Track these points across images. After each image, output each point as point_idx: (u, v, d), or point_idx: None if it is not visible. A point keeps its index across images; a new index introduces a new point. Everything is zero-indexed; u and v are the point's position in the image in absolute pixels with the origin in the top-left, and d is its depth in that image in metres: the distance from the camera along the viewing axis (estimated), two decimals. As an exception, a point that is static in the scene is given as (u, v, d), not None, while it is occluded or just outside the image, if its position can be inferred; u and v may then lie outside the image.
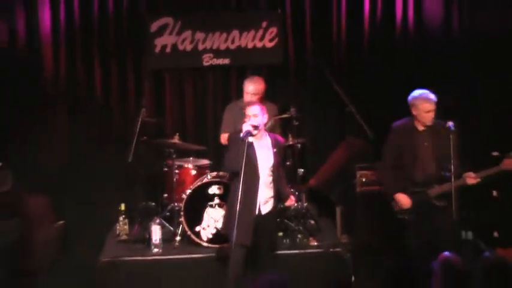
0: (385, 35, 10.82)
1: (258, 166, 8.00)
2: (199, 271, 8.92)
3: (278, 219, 9.16)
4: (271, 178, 8.10)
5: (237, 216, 7.57)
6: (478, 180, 8.10)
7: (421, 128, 8.33)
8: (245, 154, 7.67)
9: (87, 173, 10.68)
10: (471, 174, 8.11)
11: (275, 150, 8.09)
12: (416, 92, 8.34)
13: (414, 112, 8.33)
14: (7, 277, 9.12)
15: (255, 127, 7.88)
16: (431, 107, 8.23)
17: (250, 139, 7.83)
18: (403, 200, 8.33)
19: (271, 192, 8.15)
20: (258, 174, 8.01)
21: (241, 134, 7.81)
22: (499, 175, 8.10)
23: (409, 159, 8.34)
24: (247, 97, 9.40)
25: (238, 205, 7.55)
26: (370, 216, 9.59)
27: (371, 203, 9.56)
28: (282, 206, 9.19)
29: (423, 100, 8.26)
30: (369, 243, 9.56)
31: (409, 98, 8.37)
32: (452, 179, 7.89)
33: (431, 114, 8.24)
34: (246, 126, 7.89)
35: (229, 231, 7.89)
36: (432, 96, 8.25)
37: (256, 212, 8.06)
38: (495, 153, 8.47)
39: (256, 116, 7.96)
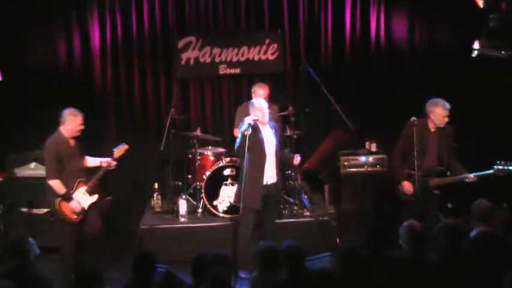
0: (362, 48, 10.70)
1: (264, 146, 7.99)
2: (217, 236, 8.88)
3: (282, 191, 9.09)
4: (274, 155, 8.07)
5: (243, 187, 7.71)
6: (476, 179, 7.88)
7: (432, 128, 8.08)
8: (247, 139, 7.74)
9: (130, 158, 10.55)
10: (471, 176, 7.87)
11: (273, 130, 8.11)
12: (436, 100, 8.05)
13: (431, 116, 8.04)
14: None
15: (255, 120, 7.89)
16: (447, 113, 7.99)
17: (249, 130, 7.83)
18: (408, 187, 8.06)
19: (275, 168, 8.12)
20: (265, 152, 8.00)
21: (247, 122, 7.85)
22: (490, 178, 7.86)
23: (419, 152, 7.97)
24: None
25: (245, 177, 7.69)
26: (351, 191, 9.47)
27: (352, 181, 9.45)
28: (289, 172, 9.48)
29: (442, 108, 7.99)
30: (350, 212, 9.45)
31: (429, 103, 8.07)
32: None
33: (446, 119, 8.01)
34: (248, 120, 7.88)
35: (239, 200, 7.93)
36: (447, 104, 8.02)
37: (264, 183, 8.00)
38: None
39: (262, 110, 8.02)
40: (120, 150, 8.37)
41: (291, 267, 5.75)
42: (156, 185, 9.77)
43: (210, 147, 9.90)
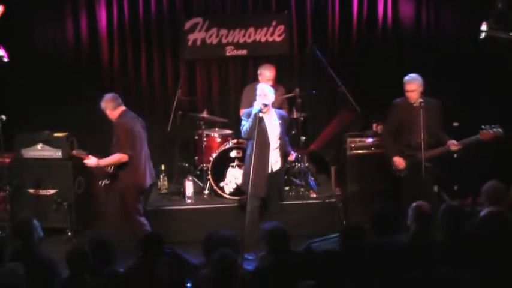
0: (369, 31, 10.65)
1: (268, 135, 7.95)
2: (223, 217, 8.90)
3: (285, 176, 9.08)
4: (278, 143, 8.05)
5: (251, 176, 7.64)
6: (460, 147, 7.91)
7: (414, 103, 8.07)
8: (257, 126, 7.70)
9: None
10: (454, 142, 7.91)
11: (280, 122, 8.06)
12: (406, 76, 8.14)
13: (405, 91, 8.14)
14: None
15: (265, 105, 7.82)
16: (411, 87, 8.01)
17: (260, 114, 7.77)
18: (399, 161, 8.16)
19: (279, 154, 8.12)
20: (268, 141, 7.98)
21: (253, 111, 7.77)
22: (476, 144, 7.90)
23: (405, 129, 8.14)
24: (263, 81, 9.27)
25: (252, 167, 7.64)
26: (357, 173, 9.45)
27: (358, 163, 9.44)
28: (287, 165, 9.20)
29: (406, 82, 8.07)
30: (356, 194, 9.45)
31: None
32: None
33: (411, 94, 8.02)
34: (258, 104, 7.78)
35: (245, 186, 7.93)
36: (414, 79, 8.05)
37: (269, 170, 8.01)
38: (455, 124, 8.29)
39: (266, 95, 7.89)
40: (79, 153, 8.26)
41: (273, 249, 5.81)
42: (162, 167, 9.77)
43: (216, 128, 9.90)
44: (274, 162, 8.10)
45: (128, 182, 7.97)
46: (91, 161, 8.04)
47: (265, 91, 7.95)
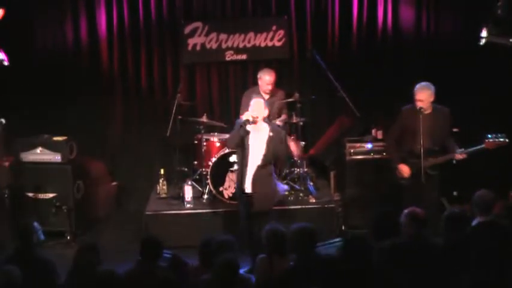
0: (369, 36, 10.63)
1: (248, 152, 7.73)
2: (222, 222, 8.97)
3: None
4: (261, 163, 7.75)
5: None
6: (465, 157, 7.92)
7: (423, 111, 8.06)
8: (239, 138, 7.63)
9: (135, 143, 10.75)
10: (459, 151, 7.92)
11: (271, 134, 7.70)
12: (418, 84, 8.11)
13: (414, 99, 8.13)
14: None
15: (254, 118, 7.64)
16: (420, 97, 7.98)
17: (249, 127, 7.62)
18: (404, 169, 8.16)
19: (258, 177, 7.78)
20: (247, 158, 7.73)
21: (239, 121, 7.70)
22: (481, 152, 7.91)
23: (410, 136, 8.12)
24: (263, 85, 9.35)
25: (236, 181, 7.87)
26: (356, 178, 9.46)
27: (357, 168, 9.45)
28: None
29: (416, 91, 8.05)
30: (355, 199, 9.46)
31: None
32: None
33: (420, 104, 7.96)
34: (247, 116, 7.70)
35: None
36: (424, 89, 8.03)
37: (244, 189, 7.86)
38: (455, 129, 8.30)
39: (258, 108, 7.72)
40: None
41: (300, 252, 5.77)
42: (162, 171, 9.76)
43: (216, 133, 9.86)
44: (250, 182, 7.80)
45: None
46: None
47: (258, 107, 7.72)
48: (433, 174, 8.06)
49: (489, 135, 7.80)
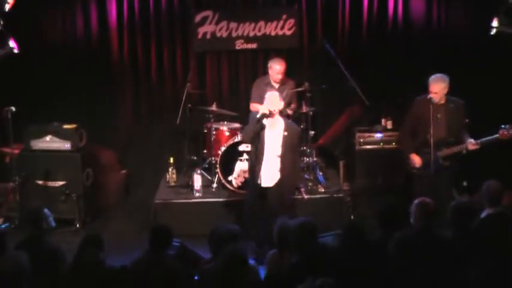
0: (379, 26, 10.62)
1: (264, 146, 7.81)
2: (231, 211, 8.96)
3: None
4: (277, 157, 7.84)
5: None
6: (478, 146, 7.91)
7: (437, 102, 8.08)
8: (256, 132, 7.69)
9: (145, 132, 10.80)
10: (472, 141, 7.92)
11: (285, 133, 7.77)
12: (432, 76, 8.11)
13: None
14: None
15: (271, 112, 7.69)
16: (434, 89, 7.98)
17: (264, 121, 7.68)
18: (416, 159, 8.19)
19: (276, 168, 7.88)
20: (263, 152, 7.82)
21: (257, 115, 7.70)
22: (494, 143, 7.91)
23: (423, 127, 8.10)
24: (273, 75, 9.32)
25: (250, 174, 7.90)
26: (365, 168, 9.47)
27: (367, 158, 9.45)
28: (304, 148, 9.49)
29: (430, 83, 8.05)
30: (364, 189, 9.47)
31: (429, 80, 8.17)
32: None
33: (434, 96, 7.96)
34: (263, 109, 7.73)
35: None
36: (438, 81, 8.04)
37: (259, 182, 7.92)
38: (466, 120, 8.26)
39: (273, 101, 7.76)
40: None
41: (302, 246, 5.77)
42: (171, 159, 9.77)
43: (225, 122, 9.86)
44: (265, 179, 7.95)
45: None
46: None
47: (274, 100, 7.79)
48: (445, 165, 8.05)
49: (503, 126, 7.80)
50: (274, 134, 7.82)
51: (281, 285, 5.49)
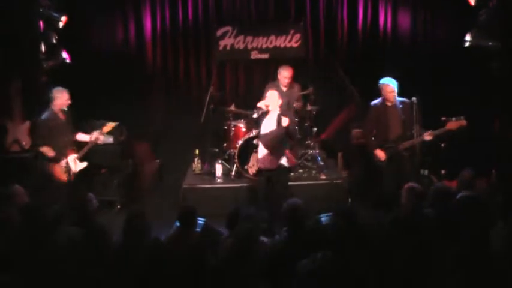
0: (372, 37, 10.80)
1: (260, 134, 8.07)
2: (247, 194, 9.03)
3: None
4: (270, 144, 7.94)
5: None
6: (432, 137, 7.95)
7: (389, 104, 8.19)
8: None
9: (175, 128, 10.84)
10: (427, 133, 7.96)
11: (279, 117, 7.81)
12: (383, 79, 8.21)
13: (382, 93, 8.21)
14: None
15: (267, 106, 7.90)
16: (392, 89, 8.09)
17: (260, 111, 7.96)
18: (380, 154, 8.25)
19: (270, 155, 7.97)
20: (260, 138, 8.08)
21: (255, 110, 8.03)
22: (446, 134, 7.98)
23: (382, 126, 8.22)
24: (282, 79, 9.40)
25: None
26: (360, 159, 9.55)
27: (361, 151, 9.52)
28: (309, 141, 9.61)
29: (387, 85, 8.13)
30: (359, 177, 9.56)
31: (379, 83, 8.24)
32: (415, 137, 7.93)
33: (392, 95, 8.09)
34: (261, 104, 7.96)
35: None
36: (393, 81, 8.13)
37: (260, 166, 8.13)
38: (443, 118, 8.34)
39: (271, 99, 7.93)
40: (108, 126, 8.40)
41: (292, 224, 5.70)
42: (196, 151, 9.85)
43: (242, 120, 9.84)
44: (262, 162, 8.06)
45: None
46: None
47: (272, 97, 7.94)
48: (406, 155, 8.14)
49: (452, 118, 7.86)
50: (270, 122, 7.95)
51: (284, 259, 5.41)
